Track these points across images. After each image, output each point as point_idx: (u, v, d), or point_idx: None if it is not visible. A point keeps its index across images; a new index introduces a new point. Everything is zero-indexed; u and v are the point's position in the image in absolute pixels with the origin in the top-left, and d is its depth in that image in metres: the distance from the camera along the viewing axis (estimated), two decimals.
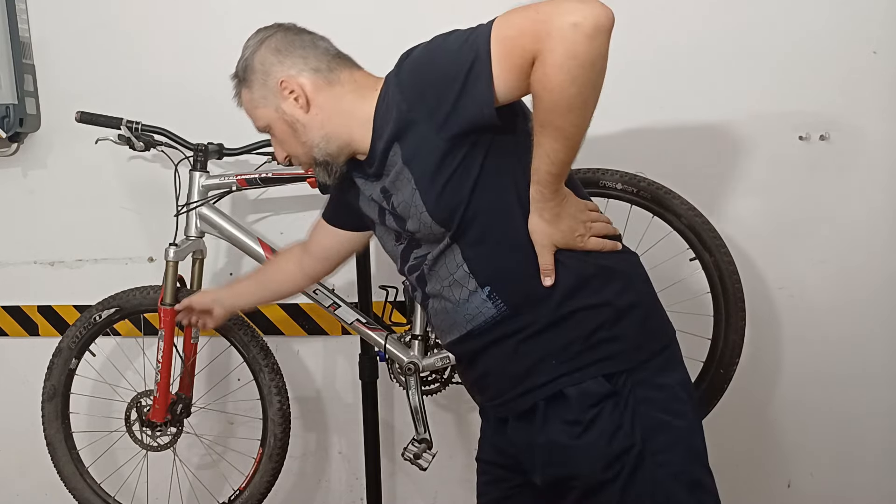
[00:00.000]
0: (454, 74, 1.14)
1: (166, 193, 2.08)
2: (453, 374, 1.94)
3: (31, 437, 2.22)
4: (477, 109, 1.14)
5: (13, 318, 2.40)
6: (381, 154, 1.26)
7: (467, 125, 1.16)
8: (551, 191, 1.18)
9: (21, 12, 2.21)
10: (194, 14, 2.19)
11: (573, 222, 1.23)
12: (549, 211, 1.20)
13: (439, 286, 1.30)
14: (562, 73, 1.07)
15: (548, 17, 1.07)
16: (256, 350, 1.97)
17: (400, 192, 1.26)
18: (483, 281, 1.25)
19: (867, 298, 2.07)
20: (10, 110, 2.17)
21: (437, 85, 1.17)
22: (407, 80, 1.21)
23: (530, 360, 1.26)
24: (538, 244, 1.22)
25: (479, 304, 1.26)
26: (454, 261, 1.26)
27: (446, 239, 1.25)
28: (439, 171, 1.20)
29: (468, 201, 1.21)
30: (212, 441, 2.34)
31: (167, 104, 2.18)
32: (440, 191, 1.21)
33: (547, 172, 1.16)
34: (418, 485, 2.31)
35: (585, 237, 1.25)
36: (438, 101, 1.16)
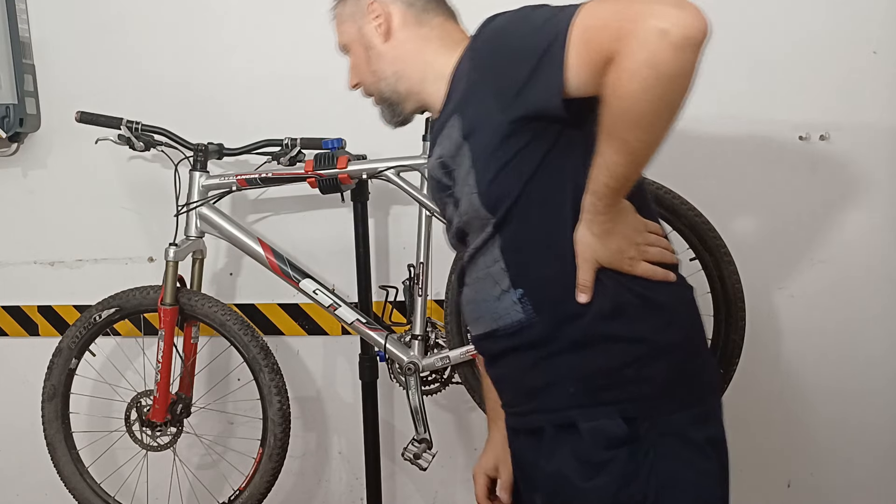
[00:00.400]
0: (529, 53, 1.04)
1: (166, 193, 2.08)
2: (453, 374, 1.94)
3: (31, 437, 2.22)
4: (545, 96, 1.04)
5: (13, 318, 2.40)
6: (443, 122, 1.18)
7: (533, 110, 1.06)
8: (605, 204, 1.07)
9: (21, 12, 2.21)
10: (194, 14, 2.19)
11: (625, 242, 1.11)
12: (600, 225, 1.09)
13: (475, 276, 1.22)
14: (635, 82, 0.95)
15: (635, 16, 0.95)
16: (256, 350, 1.97)
17: (458, 169, 1.17)
18: (517, 282, 1.15)
19: (867, 298, 2.07)
20: (10, 110, 2.17)
21: (509, 60, 1.07)
22: (481, 48, 1.12)
23: (546, 379, 1.16)
24: (580, 257, 1.11)
25: (508, 305, 1.17)
26: (492, 254, 1.17)
27: (490, 227, 1.15)
28: (497, 153, 1.11)
29: (520, 192, 1.11)
30: (212, 441, 2.34)
31: (167, 104, 2.19)
32: (495, 175, 1.12)
33: (604, 185, 1.05)
34: (418, 485, 2.31)
35: (635, 261, 1.12)
36: (508, 79, 1.07)
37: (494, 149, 1.11)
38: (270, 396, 1.98)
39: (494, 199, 1.13)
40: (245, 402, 2.27)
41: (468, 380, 1.92)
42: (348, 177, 1.88)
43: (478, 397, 1.92)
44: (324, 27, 2.09)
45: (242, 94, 2.19)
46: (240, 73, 2.18)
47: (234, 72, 2.18)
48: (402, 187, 1.87)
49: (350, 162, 1.88)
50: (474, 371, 1.91)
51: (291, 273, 1.94)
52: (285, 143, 1.98)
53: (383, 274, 2.19)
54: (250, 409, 2.25)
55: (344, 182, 1.89)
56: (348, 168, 1.87)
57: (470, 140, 1.13)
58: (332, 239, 2.18)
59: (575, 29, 1.00)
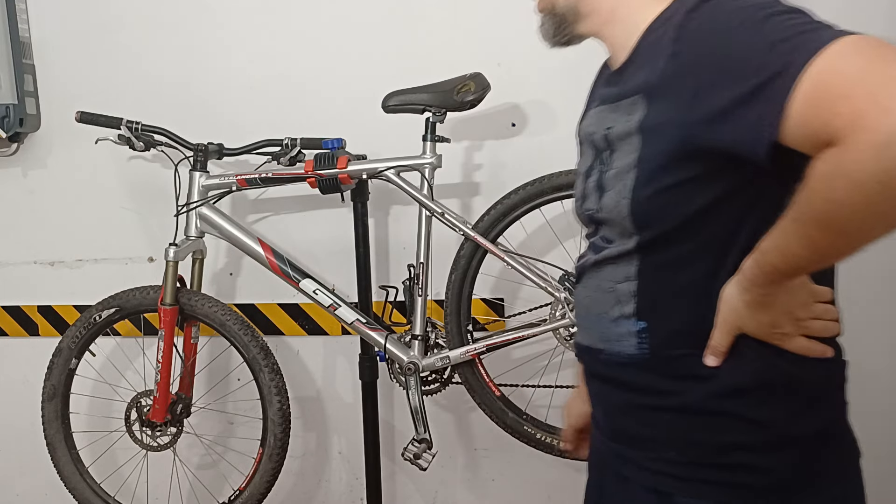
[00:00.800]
0: (745, 72, 0.81)
1: (166, 193, 2.08)
2: (453, 374, 1.94)
3: (31, 437, 2.22)
4: (749, 137, 0.82)
5: (13, 318, 2.40)
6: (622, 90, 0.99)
7: (729, 147, 0.85)
8: (768, 281, 0.88)
9: (21, 12, 2.21)
10: (194, 14, 2.19)
11: (782, 317, 0.91)
12: (754, 295, 0.90)
13: (597, 284, 1.05)
14: (853, 194, 0.74)
15: (886, 101, 0.71)
16: (256, 350, 1.97)
17: (620, 154, 0.98)
18: (643, 314, 0.99)
19: (867, 298, 2.07)
20: (10, 110, 2.17)
21: (719, 68, 0.84)
22: (695, 34, 0.88)
23: (646, 431, 1.01)
24: (721, 316, 0.93)
25: (624, 332, 1.01)
26: (625, 271, 1.00)
27: (632, 243, 0.98)
28: (669, 168, 0.91)
29: (681, 223, 0.93)
30: (212, 441, 2.34)
31: (167, 104, 2.19)
32: (657, 191, 0.93)
33: (772, 265, 0.86)
34: (418, 485, 2.31)
35: (791, 337, 0.92)
36: (711, 90, 0.85)
37: (667, 163, 0.92)
38: (270, 396, 1.98)
39: (647, 217, 0.96)
40: (245, 402, 2.27)
41: (468, 380, 1.92)
42: (348, 177, 1.88)
43: (478, 397, 1.92)
44: (324, 27, 2.10)
45: (242, 94, 2.19)
46: (240, 73, 2.18)
47: (234, 72, 2.18)
48: (402, 187, 1.87)
49: (350, 162, 1.88)
50: (474, 371, 1.91)
51: (291, 273, 1.95)
52: (285, 143, 1.98)
53: (383, 274, 2.19)
54: (250, 409, 2.25)
55: (344, 182, 1.89)
56: (348, 168, 1.87)
57: (645, 136, 0.94)
58: (332, 239, 2.18)
59: (813, 72, 0.76)
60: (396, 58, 2.09)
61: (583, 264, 1.10)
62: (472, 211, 2.11)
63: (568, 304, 1.80)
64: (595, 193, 1.04)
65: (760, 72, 0.80)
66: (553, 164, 1.87)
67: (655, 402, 1.00)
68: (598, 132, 1.03)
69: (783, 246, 0.84)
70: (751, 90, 0.81)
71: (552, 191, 1.84)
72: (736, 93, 0.82)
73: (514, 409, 1.92)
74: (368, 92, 1.94)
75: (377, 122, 1.94)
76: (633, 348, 1.00)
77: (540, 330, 1.84)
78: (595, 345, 1.07)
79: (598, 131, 1.04)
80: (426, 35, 2.08)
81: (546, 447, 1.90)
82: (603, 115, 1.04)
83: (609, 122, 1.01)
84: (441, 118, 1.85)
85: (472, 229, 1.85)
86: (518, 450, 1.97)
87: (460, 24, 2.05)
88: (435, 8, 2.07)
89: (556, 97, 2.05)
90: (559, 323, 1.81)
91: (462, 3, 2.05)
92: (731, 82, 0.83)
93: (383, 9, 2.10)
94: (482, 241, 1.84)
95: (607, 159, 1.02)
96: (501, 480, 2.27)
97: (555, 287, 1.81)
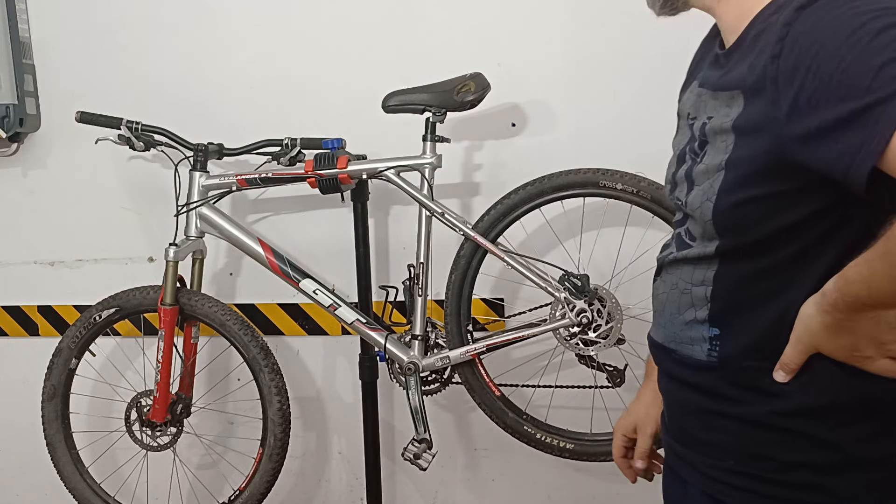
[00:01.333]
0: (848, 91, 0.77)
1: (166, 193, 2.08)
2: (453, 374, 1.94)
3: (31, 437, 2.22)
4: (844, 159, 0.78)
5: (13, 318, 2.40)
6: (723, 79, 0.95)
7: (821, 166, 0.81)
8: (850, 309, 0.84)
9: (21, 12, 2.21)
10: (194, 14, 2.19)
11: (864, 342, 0.86)
12: (832, 318, 0.86)
13: (673, 282, 1.04)
14: None
15: None
16: (256, 350, 1.97)
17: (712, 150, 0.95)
18: (716, 320, 0.97)
19: None
20: (10, 110, 2.17)
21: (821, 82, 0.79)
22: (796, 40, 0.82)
23: (707, 435, 1.00)
24: (796, 334, 0.89)
25: (695, 336, 0.99)
26: (703, 273, 0.98)
27: (712, 247, 0.96)
28: (758, 178, 0.88)
29: (764, 237, 0.90)
30: (212, 441, 2.34)
31: (167, 104, 2.19)
32: (742, 200, 0.90)
33: (855, 295, 0.83)
34: (418, 485, 2.31)
35: (873, 360, 0.87)
36: (810, 104, 0.80)
37: (756, 172, 0.88)
38: (270, 396, 1.98)
39: (729, 224, 0.93)
40: (245, 402, 2.27)
41: (468, 380, 1.92)
42: (348, 177, 1.88)
43: (478, 397, 1.92)
44: (324, 27, 2.10)
45: (242, 94, 2.18)
46: (240, 73, 2.18)
47: (234, 72, 2.18)
48: (402, 187, 1.87)
49: (350, 162, 1.88)
50: (474, 371, 1.91)
51: (291, 273, 1.95)
52: (285, 143, 1.98)
53: (383, 274, 2.19)
54: (250, 409, 2.25)
55: (344, 182, 1.89)
56: (348, 168, 1.87)
57: (738, 136, 0.90)
58: (332, 239, 2.18)
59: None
60: (396, 58, 2.09)
61: (664, 257, 1.08)
62: (472, 211, 2.11)
63: (568, 305, 1.80)
64: (684, 184, 1.01)
65: (866, 95, 0.75)
66: (553, 164, 1.87)
67: (720, 408, 0.98)
68: (699, 119, 1.00)
69: (869, 279, 0.81)
70: (854, 113, 0.77)
71: (552, 191, 1.84)
72: (838, 113, 0.78)
73: (514, 409, 1.92)
74: (368, 92, 1.94)
75: (377, 122, 1.94)
76: (703, 355, 0.98)
77: (540, 330, 1.84)
78: (666, 343, 1.06)
79: (699, 117, 1.00)
80: (426, 35, 2.08)
81: (546, 447, 1.90)
82: (704, 99, 1.00)
83: (710, 111, 0.98)
84: (441, 118, 1.85)
85: (472, 229, 1.85)
86: (518, 450, 1.97)
87: (460, 24, 2.05)
88: (435, 8, 2.07)
89: (556, 97, 2.05)
90: (559, 323, 1.81)
91: (462, 3, 2.05)
92: (833, 101, 0.78)
93: (383, 9, 2.10)
94: (482, 241, 1.84)
95: (699, 150, 0.99)
96: (501, 480, 2.27)
97: (555, 287, 1.81)
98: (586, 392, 1.95)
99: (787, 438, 0.93)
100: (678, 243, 1.04)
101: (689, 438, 1.04)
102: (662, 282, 1.07)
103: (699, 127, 0.99)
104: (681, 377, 1.03)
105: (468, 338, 1.90)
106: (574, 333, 1.80)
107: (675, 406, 1.08)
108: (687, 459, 1.04)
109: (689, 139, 1.02)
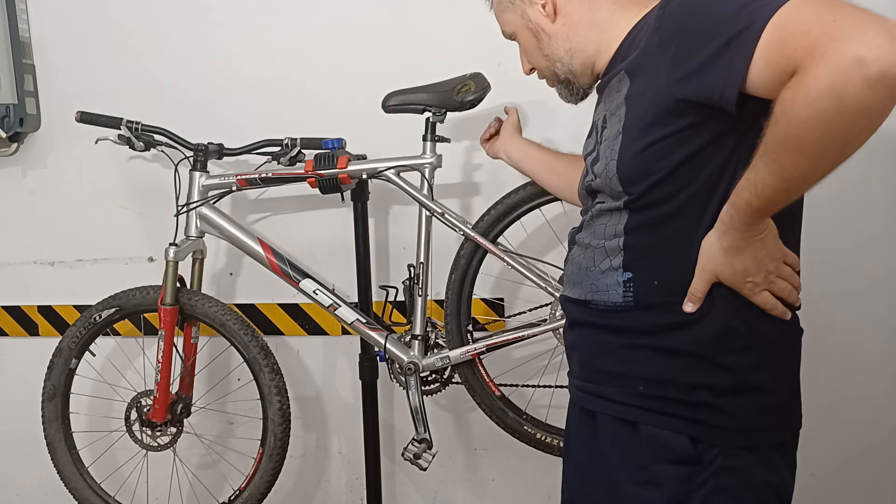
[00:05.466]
0: (717, 32, 0.93)
1: (166, 193, 2.08)
2: (453, 374, 1.94)
3: (31, 437, 2.22)
4: (720, 84, 0.94)
5: (13, 318, 2.40)
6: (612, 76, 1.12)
7: (704, 96, 0.96)
8: (743, 222, 0.98)
9: (21, 12, 2.21)
10: (194, 15, 2.19)
11: (753, 265, 1.01)
12: (731, 240, 1.00)
13: (588, 241, 1.16)
14: (811, 109, 0.85)
15: (838, 33, 0.83)
16: (256, 350, 1.97)
17: (609, 128, 1.10)
18: (629, 265, 1.09)
19: (868, 297, 2.07)
20: (10, 110, 2.17)
21: (695, 34, 0.97)
22: (671, 13, 1.02)
23: (620, 368, 1.12)
24: (700, 265, 1.03)
25: (611, 283, 1.11)
26: (614, 228, 1.11)
27: (620, 202, 1.09)
28: (652, 127, 1.02)
29: (663, 177, 1.03)
30: (212, 441, 2.34)
31: (167, 104, 2.19)
32: (641, 149, 1.04)
33: (746, 202, 0.96)
34: (418, 485, 2.31)
35: (758, 288, 1.03)
36: (688, 53, 0.97)
37: (649, 122, 1.03)
38: (270, 396, 1.98)
39: (633, 175, 1.06)
40: (245, 402, 2.27)
41: (468, 380, 1.92)
42: (348, 177, 1.88)
43: (478, 397, 1.92)
44: (324, 27, 2.10)
45: (242, 94, 2.19)
46: (240, 73, 2.18)
47: (235, 72, 2.18)
48: (402, 187, 1.87)
49: (350, 162, 1.88)
50: (474, 371, 1.91)
51: (291, 273, 1.95)
52: (285, 143, 1.98)
53: (383, 274, 2.19)
54: (250, 409, 2.25)
55: (344, 182, 1.89)
56: (348, 168, 1.87)
57: (628, 104, 1.06)
58: (332, 239, 2.18)
59: (774, 22, 0.89)
60: (396, 58, 2.09)
61: (574, 230, 1.22)
62: (472, 211, 2.11)
63: None
64: (590, 166, 1.16)
65: (731, 28, 0.92)
66: None
67: (636, 341, 1.10)
68: (600, 116, 1.15)
69: (754, 179, 0.94)
70: (723, 44, 0.93)
71: None
72: (710, 50, 0.94)
73: (514, 409, 1.92)
74: (368, 92, 1.94)
75: (377, 122, 1.94)
76: (619, 297, 1.10)
77: (540, 330, 1.84)
78: (583, 297, 1.16)
79: (600, 115, 1.16)
80: (426, 35, 2.08)
81: (546, 447, 1.90)
82: (603, 102, 1.16)
83: (606, 105, 1.14)
84: (441, 118, 1.85)
85: (472, 229, 1.85)
86: (518, 450, 1.97)
87: (460, 24, 2.05)
88: (435, 8, 2.07)
89: (556, 97, 2.03)
90: (559, 323, 1.81)
91: (462, 3, 2.05)
92: (705, 42, 0.95)
93: (383, 9, 2.10)
94: (482, 241, 1.84)
95: (600, 136, 1.14)
96: (501, 480, 2.27)
97: (555, 287, 1.81)
98: None
99: (691, 363, 1.06)
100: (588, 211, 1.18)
101: (601, 376, 1.15)
102: (578, 248, 1.20)
103: (600, 118, 1.15)
104: (597, 322, 1.14)
105: (468, 338, 1.90)
106: None
107: (589, 350, 1.18)
108: (598, 394, 1.15)
109: (595, 138, 1.17)
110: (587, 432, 1.17)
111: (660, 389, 1.08)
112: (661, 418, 1.07)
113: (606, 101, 1.14)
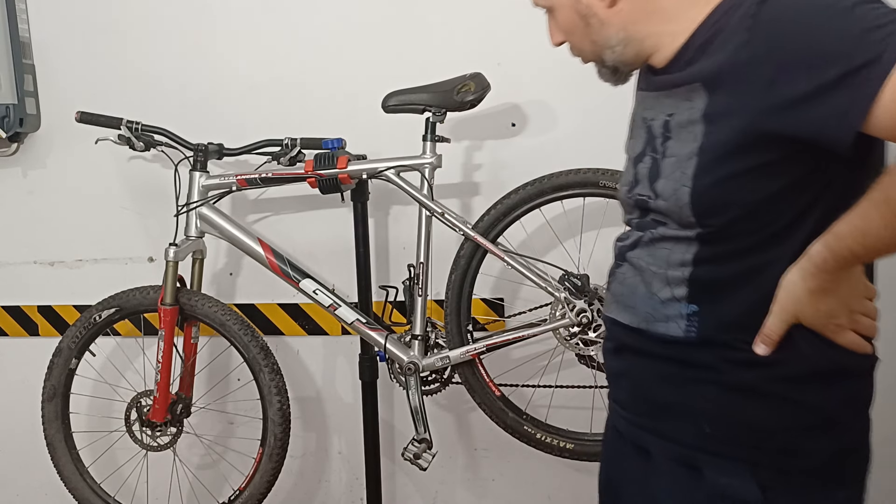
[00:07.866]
0: (832, 59, 0.82)
1: (166, 193, 2.08)
2: (453, 374, 1.94)
3: (31, 437, 2.22)
4: (833, 124, 0.83)
5: (13, 318, 2.40)
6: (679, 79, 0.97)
7: (806, 131, 0.85)
8: (838, 266, 0.89)
9: (21, 12, 2.21)
10: (194, 15, 2.19)
11: (839, 307, 0.92)
12: (818, 281, 0.90)
13: (646, 263, 1.03)
14: None
15: None
16: (256, 350, 1.97)
17: (678, 143, 0.97)
18: (695, 298, 0.98)
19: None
20: (10, 110, 2.17)
21: (801, 56, 0.84)
22: (767, 25, 0.88)
23: (682, 404, 1.01)
24: (779, 304, 0.93)
25: (672, 314, 1.00)
26: (681, 256, 0.99)
27: (692, 232, 0.97)
28: (734, 156, 0.91)
29: (746, 212, 0.93)
30: (212, 441, 2.34)
31: (167, 104, 2.19)
32: (721, 179, 0.92)
33: (849, 248, 0.86)
34: (418, 485, 2.31)
35: (844, 330, 0.94)
36: (792, 80, 0.84)
37: (732, 151, 0.91)
38: (270, 396, 1.98)
39: (708, 207, 0.94)
40: (245, 402, 2.27)
41: (468, 380, 1.92)
42: (348, 177, 1.88)
43: (478, 397, 1.92)
44: (324, 27, 2.10)
45: (242, 94, 2.19)
46: (240, 73, 2.18)
47: (234, 72, 2.18)
48: (402, 187, 1.87)
49: (350, 162, 1.88)
50: (474, 371, 1.91)
51: (291, 273, 1.95)
52: (285, 143, 1.98)
53: (383, 274, 2.19)
54: (250, 409, 2.25)
55: (344, 182, 1.89)
56: (348, 168, 1.87)
57: (707, 123, 0.93)
58: (332, 239, 2.18)
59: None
60: (396, 58, 2.09)
61: (625, 245, 1.09)
62: (472, 211, 2.11)
63: (568, 304, 1.80)
64: (647, 180, 1.02)
65: (851, 59, 0.81)
66: (553, 164, 1.87)
67: (702, 376, 0.99)
68: (658, 118, 1.02)
69: (864, 228, 0.85)
70: (839, 77, 0.81)
71: (552, 191, 1.84)
72: (822, 80, 0.82)
73: (514, 409, 1.92)
74: (368, 92, 1.94)
75: (377, 122, 1.94)
76: (681, 331, 0.99)
77: (540, 330, 1.84)
78: (636, 324, 1.05)
79: (657, 117, 1.02)
80: (426, 35, 2.08)
81: (546, 447, 1.90)
82: (659, 100, 1.03)
83: (669, 108, 1.00)
84: (441, 118, 1.85)
85: (472, 229, 1.85)
86: (518, 450, 1.97)
87: (460, 24, 2.05)
88: (435, 8, 2.07)
89: (556, 97, 2.05)
90: (559, 323, 1.81)
91: (462, 3, 2.05)
92: (815, 69, 0.83)
93: (383, 9, 2.10)
94: (482, 241, 1.84)
95: (661, 147, 1.00)
96: (501, 480, 2.27)
97: (555, 287, 1.81)
98: (586, 392, 1.95)
99: (773, 404, 0.96)
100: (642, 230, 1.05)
101: (658, 408, 1.04)
102: (630, 269, 1.07)
103: (660, 125, 1.01)
104: (654, 352, 1.04)
105: (468, 338, 1.90)
106: (574, 333, 1.80)
107: (645, 378, 1.06)
108: (653, 430, 1.05)
109: (646, 139, 1.04)
110: (639, 470, 1.08)
111: (731, 431, 0.98)
112: (728, 464, 0.98)
113: (667, 102, 1.00)
